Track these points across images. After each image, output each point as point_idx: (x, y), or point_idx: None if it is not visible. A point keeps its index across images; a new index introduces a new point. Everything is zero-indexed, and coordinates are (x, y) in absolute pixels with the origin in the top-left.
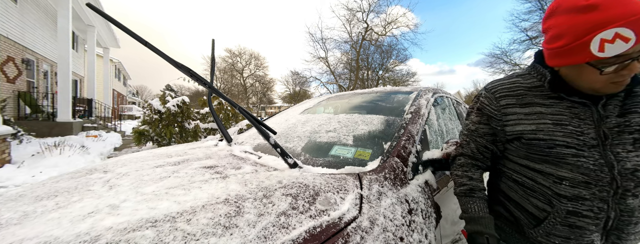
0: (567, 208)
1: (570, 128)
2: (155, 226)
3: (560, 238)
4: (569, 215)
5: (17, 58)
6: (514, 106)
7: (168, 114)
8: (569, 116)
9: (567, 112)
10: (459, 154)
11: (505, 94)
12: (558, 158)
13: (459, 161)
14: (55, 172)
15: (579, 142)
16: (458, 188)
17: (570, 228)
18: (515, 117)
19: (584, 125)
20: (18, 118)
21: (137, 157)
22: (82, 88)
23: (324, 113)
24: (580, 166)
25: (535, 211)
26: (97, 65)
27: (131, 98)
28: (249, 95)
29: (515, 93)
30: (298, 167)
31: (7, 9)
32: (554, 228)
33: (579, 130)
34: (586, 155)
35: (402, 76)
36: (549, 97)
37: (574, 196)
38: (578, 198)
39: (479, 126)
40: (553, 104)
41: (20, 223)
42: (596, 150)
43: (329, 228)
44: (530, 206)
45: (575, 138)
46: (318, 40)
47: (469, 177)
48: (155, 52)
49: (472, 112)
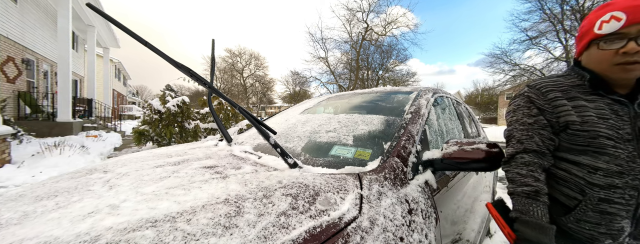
0: (599, 195)
1: (611, 122)
2: (155, 226)
3: (590, 224)
4: (600, 202)
5: (17, 58)
6: (561, 98)
7: (168, 114)
8: (609, 111)
9: (607, 108)
10: (520, 150)
11: (551, 89)
12: (599, 148)
13: (521, 159)
14: (55, 172)
15: (618, 136)
16: (520, 188)
17: (601, 215)
18: (565, 108)
19: (621, 121)
20: (18, 118)
21: (137, 157)
22: (82, 88)
23: (324, 113)
24: (617, 156)
25: (565, 199)
26: (97, 65)
27: (131, 98)
28: (249, 95)
29: (560, 88)
30: (298, 167)
31: (7, 9)
32: (585, 214)
33: (618, 124)
34: (622, 148)
35: (402, 76)
36: (591, 94)
37: (607, 185)
38: (611, 187)
39: (537, 118)
40: (595, 100)
41: (20, 223)
42: (631, 144)
43: (329, 228)
44: (560, 195)
45: (616, 131)
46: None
47: (535, 178)
48: (155, 52)
49: (519, 109)
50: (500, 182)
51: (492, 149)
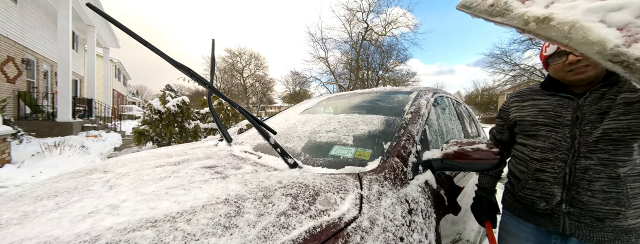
0: (536, 166)
1: (550, 113)
2: (155, 226)
3: (530, 190)
4: (536, 172)
5: (17, 58)
6: (517, 101)
7: (168, 114)
8: (554, 105)
9: (554, 103)
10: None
11: (513, 96)
12: (536, 132)
13: None
14: (55, 172)
15: (554, 122)
16: None
17: (536, 182)
18: (516, 108)
19: (565, 111)
20: (18, 118)
21: (137, 157)
22: (82, 88)
23: (324, 113)
24: (549, 137)
25: (518, 173)
26: (97, 65)
27: (131, 98)
28: (249, 95)
29: (520, 95)
30: (298, 167)
31: (7, 9)
32: (527, 183)
33: (559, 114)
34: (558, 131)
35: (402, 76)
36: (544, 95)
37: (542, 158)
38: (544, 160)
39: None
40: (547, 98)
41: (20, 223)
42: (568, 128)
43: (329, 228)
44: (516, 171)
45: (553, 119)
46: (318, 40)
47: None
48: (155, 52)
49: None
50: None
51: (492, 149)
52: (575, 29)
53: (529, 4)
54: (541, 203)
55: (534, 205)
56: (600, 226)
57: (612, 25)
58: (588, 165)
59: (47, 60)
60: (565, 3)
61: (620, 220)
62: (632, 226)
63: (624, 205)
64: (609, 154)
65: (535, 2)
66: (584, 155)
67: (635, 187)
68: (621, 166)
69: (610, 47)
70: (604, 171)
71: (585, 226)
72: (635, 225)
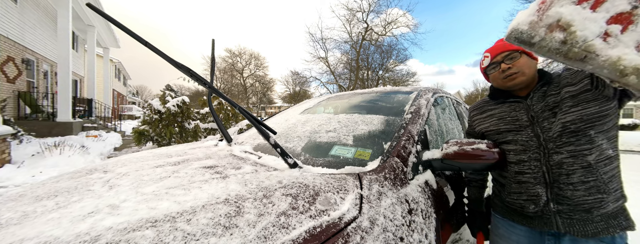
0: (515, 169)
1: (508, 119)
2: (155, 226)
3: (516, 194)
4: (516, 174)
5: (17, 58)
6: (477, 114)
7: (168, 114)
8: (508, 111)
9: (508, 109)
10: None
11: (472, 109)
12: (504, 138)
13: None
14: (55, 172)
15: (515, 126)
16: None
17: (519, 184)
18: (477, 120)
19: (519, 114)
20: (18, 118)
21: (137, 157)
22: (82, 88)
23: (324, 113)
24: (518, 140)
25: (501, 179)
26: (97, 65)
27: (131, 98)
28: (249, 95)
29: (477, 107)
30: (298, 167)
31: (7, 9)
32: (511, 187)
33: (515, 118)
34: (522, 132)
35: (402, 76)
36: (496, 104)
37: (518, 161)
38: (520, 161)
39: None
40: (500, 107)
41: (20, 223)
42: (530, 128)
43: (329, 228)
44: (499, 177)
45: (512, 124)
46: (318, 40)
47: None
48: (155, 52)
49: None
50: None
51: (492, 149)
52: None
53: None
54: (530, 206)
55: (523, 209)
56: (590, 218)
57: None
58: (560, 159)
59: (47, 60)
60: None
61: (604, 207)
62: (615, 209)
63: (604, 191)
64: (574, 145)
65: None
66: (554, 150)
67: (607, 171)
68: (588, 155)
69: None
70: (576, 163)
71: (577, 221)
72: (617, 208)
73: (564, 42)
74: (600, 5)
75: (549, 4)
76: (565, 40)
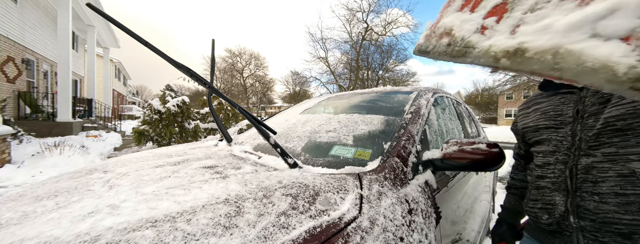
0: (537, 173)
1: (551, 113)
2: (155, 226)
3: (532, 201)
4: (537, 179)
5: (17, 58)
6: (523, 110)
7: (168, 114)
8: (556, 104)
9: (556, 102)
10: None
11: (522, 105)
12: (540, 137)
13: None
14: (55, 172)
15: (556, 122)
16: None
17: (537, 190)
18: (522, 115)
19: (566, 108)
20: (18, 118)
21: (137, 157)
22: (82, 88)
23: (324, 113)
24: (551, 139)
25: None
26: (97, 65)
27: (131, 98)
28: (249, 95)
29: (527, 103)
30: (298, 167)
31: (7, 9)
32: (530, 193)
33: (559, 112)
34: (560, 131)
35: (402, 76)
36: (547, 96)
37: (543, 163)
38: (546, 164)
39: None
40: (548, 100)
41: (20, 223)
42: (570, 125)
43: (329, 228)
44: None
45: (553, 120)
46: (318, 40)
47: (511, 177)
48: (155, 52)
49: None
50: (500, 182)
51: (492, 149)
52: (562, 56)
53: (490, 33)
54: (543, 216)
55: (538, 220)
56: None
57: (612, 36)
58: (590, 163)
59: (47, 60)
60: (533, 24)
61: None
62: None
63: None
64: (616, 147)
65: (496, 30)
66: (585, 152)
67: None
68: (635, 160)
69: (623, 71)
70: (612, 169)
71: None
72: None
73: (448, 45)
74: (479, 5)
75: (438, 18)
76: (449, 43)
